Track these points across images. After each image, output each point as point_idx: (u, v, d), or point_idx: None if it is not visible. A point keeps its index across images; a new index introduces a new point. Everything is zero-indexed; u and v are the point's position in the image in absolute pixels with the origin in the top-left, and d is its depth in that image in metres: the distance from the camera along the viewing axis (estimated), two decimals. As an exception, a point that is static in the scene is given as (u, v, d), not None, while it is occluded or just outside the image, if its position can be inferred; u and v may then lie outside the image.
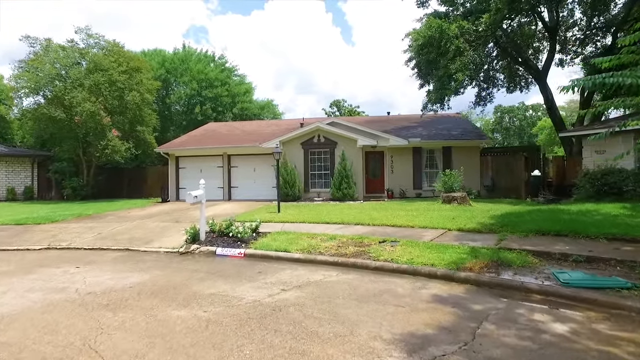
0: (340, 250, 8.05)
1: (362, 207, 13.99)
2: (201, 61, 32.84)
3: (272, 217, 12.34)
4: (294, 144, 18.91)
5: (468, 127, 20.44)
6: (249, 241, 9.21)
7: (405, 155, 18.84)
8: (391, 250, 7.73)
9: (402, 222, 10.35)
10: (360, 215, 11.94)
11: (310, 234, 9.56)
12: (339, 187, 17.52)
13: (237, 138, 22.59)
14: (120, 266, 7.59)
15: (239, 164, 21.23)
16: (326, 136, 18.60)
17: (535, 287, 5.47)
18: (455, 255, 7.10)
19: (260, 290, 5.81)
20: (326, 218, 11.66)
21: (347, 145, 18.18)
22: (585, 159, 15.14)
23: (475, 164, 17.99)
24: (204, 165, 21.65)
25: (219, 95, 31.04)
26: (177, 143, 22.94)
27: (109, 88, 20.89)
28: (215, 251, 8.80)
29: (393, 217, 11.26)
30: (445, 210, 11.86)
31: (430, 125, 21.10)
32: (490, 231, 8.97)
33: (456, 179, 13.78)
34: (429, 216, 11.01)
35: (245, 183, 21.06)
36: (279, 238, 9.29)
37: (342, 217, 11.73)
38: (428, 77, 17.85)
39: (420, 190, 18.55)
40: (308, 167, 18.86)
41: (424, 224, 9.99)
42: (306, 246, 8.37)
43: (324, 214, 12.62)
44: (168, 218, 13.84)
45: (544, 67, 20.62)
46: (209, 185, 22.04)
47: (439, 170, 18.73)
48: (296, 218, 11.98)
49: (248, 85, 36.06)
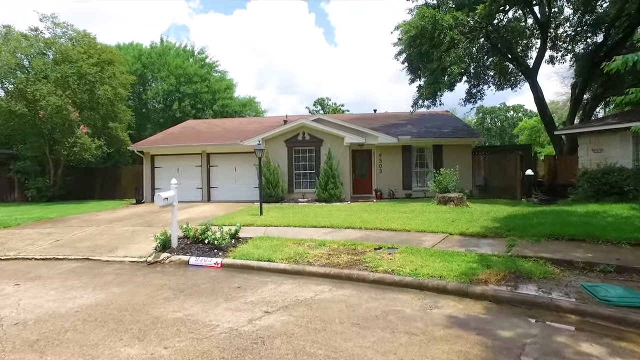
0: (331, 259, 7.06)
1: (351, 209, 13.05)
2: (180, 56, 31.32)
3: (253, 220, 11.27)
4: (278, 142, 17.84)
5: (458, 125, 19.76)
6: (227, 249, 8.13)
7: (394, 154, 18.01)
8: (390, 259, 6.80)
9: (397, 226, 9.44)
10: (351, 217, 10.98)
11: (297, 240, 8.55)
12: (325, 188, 16.55)
13: (217, 136, 21.35)
14: (72, 281, 6.40)
15: (219, 163, 20.01)
16: (311, 133, 17.60)
17: (568, 305, 4.60)
18: (464, 265, 6.21)
19: (239, 313, 4.76)
20: (313, 221, 10.66)
21: (334, 143, 17.23)
22: (581, 158, 14.58)
23: (467, 163, 17.29)
24: (181, 165, 20.34)
25: (198, 91, 29.61)
26: (153, 141, 21.54)
27: (78, 81, 19.36)
28: (188, 261, 7.68)
29: (386, 219, 10.34)
30: (442, 212, 11.02)
31: (420, 123, 20.35)
32: (496, 235, 8.14)
33: (451, 178, 12.98)
34: (426, 219, 10.14)
35: (225, 183, 19.85)
36: (261, 245, 8.24)
37: (331, 220, 10.75)
38: (419, 71, 17.06)
39: (410, 190, 17.74)
40: (292, 166, 17.83)
41: (421, 228, 9.10)
42: (292, 254, 7.35)
43: (310, 216, 11.62)
44: (140, 221, 12.59)
45: (535, 64, 20.14)
46: (187, 185, 20.84)
47: (429, 169, 17.97)
48: (280, 221, 10.94)
49: (229, 81, 34.67)
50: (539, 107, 21.03)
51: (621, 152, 13.41)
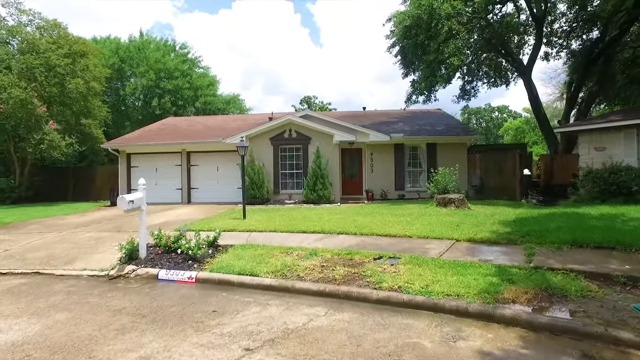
0: (325, 272, 6.04)
1: (343, 212, 12.04)
2: (160, 50, 29.82)
3: (236, 225, 10.16)
4: (263, 140, 16.73)
5: (452, 123, 18.98)
6: (204, 259, 7.03)
7: (386, 153, 17.10)
8: (394, 272, 5.82)
9: (396, 231, 8.47)
10: (343, 221, 9.98)
11: (284, 248, 7.50)
12: (313, 188, 15.52)
13: (198, 133, 20.10)
14: (6, 306, 5.21)
15: (200, 163, 18.77)
16: (299, 131, 16.55)
17: (630, 337, 3.66)
18: (483, 280, 5.27)
19: (212, 352, 3.69)
20: (302, 225, 9.62)
21: (323, 141, 16.21)
22: (582, 157, 13.90)
23: (462, 162, 16.47)
24: (159, 164, 19.02)
25: (179, 87, 28.16)
26: (129, 138, 20.15)
27: (46, 73, 17.85)
28: (157, 274, 6.56)
29: (383, 224, 9.37)
30: (443, 215, 10.11)
31: (412, 120, 19.50)
32: (509, 242, 7.23)
33: (451, 178, 12.11)
34: (427, 222, 9.20)
35: (206, 184, 18.62)
36: (243, 254, 7.17)
37: (322, 224, 9.73)
38: (414, 64, 16.18)
39: (403, 191, 16.85)
40: (278, 166, 16.74)
41: (424, 233, 8.15)
42: (280, 267, 6.31)
43: (298, 220, 10.58)
44: (109, 226, 11.35)
45: (529, 61, 19.53)
46: (166, 186, 19.53)
47: (422, 169, 17.12)
48: (265, 226, 9.86)
49: (212, 78, 33.23)
50: (533, 105, 20.43)
51: (625, 150, 12.77)
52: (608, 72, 18.80)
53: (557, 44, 19.09)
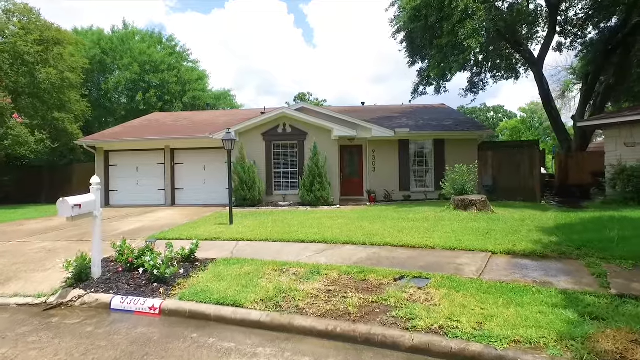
0: (334, 300, 4.51)
1: (346, 215, 10.49)
2: (145, 42, 28.00)
3: (220, 232, 8.58)
4: (254, 135, 15.14)
5: (461, 118, 17.55)
6: (174, 280, 5.44)
7: (390, 150, 15.61)
8: (426, 300, 4.32)
9: (415, 240, 6.95)
10: (348, 228, 8.43)
11: (278, 264, 5.95)
12: (310, 189, 13.97)
13: (184, 129, 18.45)
14: None
15: (185, 161, 17.13)
16: (294, 125, 14.99)
17: None
18: (553, 314, 3.81)
19: None
20: (300, 233, 8.06)
21: (320, 136, 14.67)
22: (609, 153, 12.51)
23: (473, 160, 14.96)
24: (140, 162, 17.35)
25: (166, 81, 26.38)
26: (107, 134, 18.44)
27: (11, 61, 16.08)
28: (110, 303, 4.96)
29: (397, 231, 7.85)
30: (466, 220, 8.61)
31: (416, 115, 18.04)
32: (562, 256, 5.74)
33: (469, 177, 10.63)
34: (450, 230, 7.69)
35: (192, 184, 16.99)
36: (226, 273, 5.60)
37: (323, 231, 8.18)
38: (422, 50, 14.66)
39: (409, 192, 15.37)
40: (271, 164, 15.16)
41: (449, 243, 6.64)
42: (272, 292, 4.76)
43: (295, 226, 9.02)
44: (72, 234, 9.68)
45: (541, 52, 18.17)
46: (147, 187, 17.81)
47: (429, 168, 15.65)
48: (256, 233, 8.29)
49: (201, 72, 31.45)
50: (544, 99, 19.09)
51: (660, 146, 11.40)
52: (625, 65, 17.51)
53: (571, 33, 17.75)
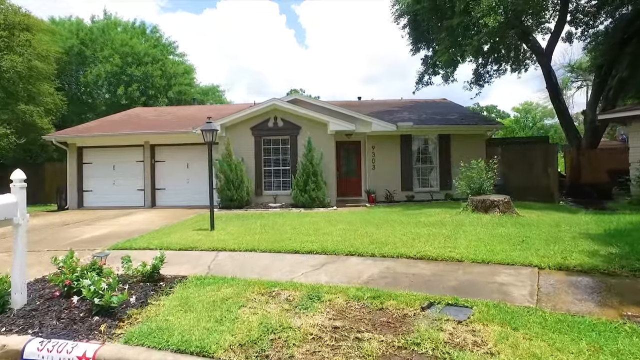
0: (343, 345, 3.16)
1: (346, 219, 9.12)
2: (127, 32, 26.29)
3: (198, 240, 7.17)
4: (242, 130, 13.73)
5: (466, 112, 16.33)
6: (124, 311, 4.02)
7: (391, 147, 14.30)
8: (475, 343, 3.03)
9: (436, 251, 5.62)
10: (351, 234, 7.07)
11: (266, 285, 4.58)
12: (303, 189, 12.60)
13: (166, 123, 16.95)
14: None
15: (167, 158, 15.64)
16: (286, 118, 13.60)
17: None
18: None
19: None
20: (293, 241, 6.69)
21: (315, 130, 13.31)
22: (633, 150, 11.35)
23: (480, 157, 13.72)
24: (118, 160, 15.81)
25: (149, 74, 24.73)
26: (81, 129, 16.86)
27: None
28: (22, 350, 3.52)
29: (410, 238, 6.50)
30: (489, 224, 7.29)
31: (417, 109, 16.77)
32: (635, 272, 4.45)
33: (487, 175, 9.33)
34: (475, 237, 6.37)
35: (175, 183, 15.51)
36: (197, 299, 4.21)
37: (321, 238, 6.81)
38: (429, 34, 13.33)
39: (412, 191, 14.07)
40: (261, 161, 13.76)
41: (480, 255, 5.32)
42: (256, 331, 3.38)
43: (287, 231, 7.64)
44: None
45: (550, 42, 17.00)
46: (124, 187, 16.18)
47: (433, 165, 14.37)
48: (240, 242, 6.90)
49: (188, 66, 29.83)
50: (552, 93, 17.93)
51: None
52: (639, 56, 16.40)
53: (582, 22, 16.62)
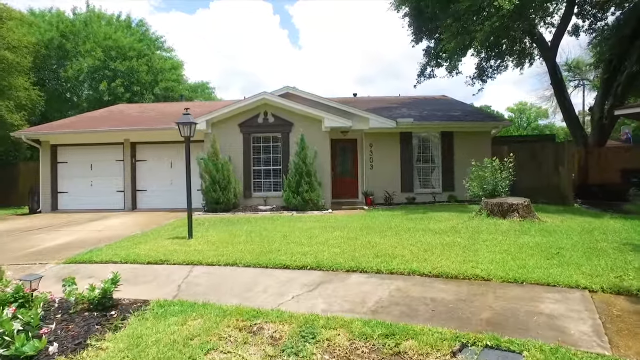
0: None
1: (344, 224, 8.10)
2: (111, 25, 24.98)
3: (173, 251, 6.11)
4: (229, 126, 12.68)
5: (468, 109, 15.41)
6: (52, 358, 2.97)
7: (390, 145, 13.32)
8: None
9: (455, 266, 4.64)
10: (351, 244, 6.06)
11: (246, 314, 3.55)
12: (296, 190, 11.58)
13: (150, 120, 15.79)
14: None
15: (149, 157, 14.49)
16: (277, 114, 12.57)
17: None
18: None
19: None
20: (283, 253, 5.67)
21: (309, 127, 12.30)
22: (653, 148, 10.42)
23: (486, 156, 12.80)
24: (95, 159, 14.63)
25: (135, 70, 23.44)
26: (56, 126, 15.65)
27: None
28: None
29: (421, 249, 5.51)
30: (512, 231, 6.33)
31: (417, 106, 15.82)
32: None
33: (502, 175, 8.34)
34: (497, 247, 5.40)
35: (157, 184, 14.36)
36: (153, 337, 3.16)
37: (315, 249, 5.80)
38: (433, 22, 12.33)
39: (412, 193, 13.09)
40: (250, 160, 12.71)
41: (510, 272, 4.35)
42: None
43: (276, 239, 6.62)
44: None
45: (555, 36, 16.15)
46: (103, 188, 14.88)
47: (435, 165, 13.43)
48: (221, 253, 5.86)
49: (176, 61, 28.53)
50: (556, 89, 17.11)
51: None
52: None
53: (590, 14, 15.81)
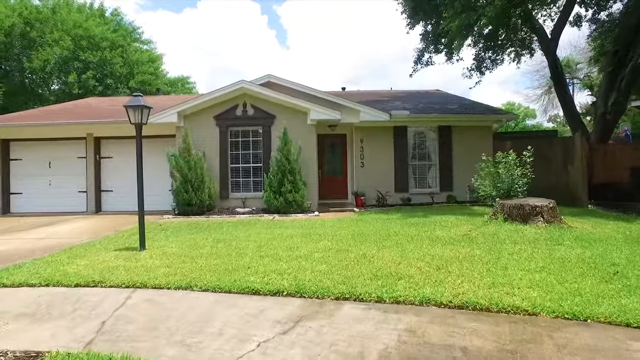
0: None
1: (332, 231, 6.80)
2: (82, 13, 23.14)
3: (114, 268, 4.75)
4: (204, 119, 11.32)
5: (465, 102, 14.28)
6: None
7: (383, 140, 12.09)
8: None
9: (483, 293, 3.41)
10: (342, 258, 4.79)
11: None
12: (278, 190, 10.27)
13: (118, 113, 14.23)
14: None
15: (115, 154, 12.99)
16: (257, 105, 11.25)
17: None
18: None
19: None
20: (253, 270, 4.38)
21: (293, 120, 11.02)
22: (673, 143, 9.41)
23: (487, 152, 11.69)
24: (55, 155, 13.06)
25: (108, 61, 21.70)
26: (9, 118, 14.00)
27: None
28: None
29: (433, 266, 4.27)
30: (542, 240, 5.14)
31: (411, 99, 14.64)
32: None
33: (518, 172, 7.12)
34: (530, 262, 4.20)
35: (124, 184, 12.83)
36: None
37: (295, 265, 4.51)
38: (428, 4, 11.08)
39: (407, 193, 11.89)
40: (227, 157, 11.35)
41: (566, 304, 3.12)
42: None
43: (248, 252, 5.31)
44: None
45: (556, 27, 15.17)
46: (64, 188, 13.05)
47: (432, 162, 12.26)
48: (175, 270, 4.54)
49: (153, 53, 26.74)
50: (557, 83, 16.16)
51: None
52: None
53: (592, 3, 14.89)
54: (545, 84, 31.84)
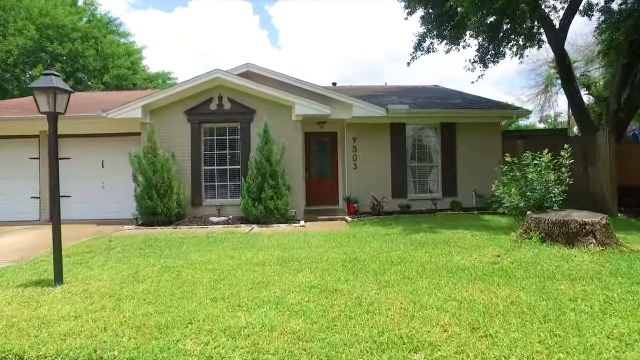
0: None
1: (317, 254, 5.34)
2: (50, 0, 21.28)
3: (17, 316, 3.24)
4: (173, 114, 9.82)
5: (468, 97, 12.96)
6: None
7: (379, 139, 10.70)
8: None
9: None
10: (324, 303, 3.35)
11: None
12: (257, 197, 8.81)
13: (80, 108, 12.64)
14: None
15: (74, 154, 11.38)
16: (235, 98, 9.77)
17: None
18: None
19: None
20: (193, 330, 2.93)
21: (275, 115, 9.58)
22: None
23: (495, 152, 10.41)
24: (2, 156, 11.46)
25: (80, 54, 19.91)
26: (-45, 114, 12.31)
27: None
28: None
29: (458, 320, 2.86)
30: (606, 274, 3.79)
31: (409, 94, 13.28)
32: None
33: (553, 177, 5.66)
34: (611, 318, 2.80)
35: (85, 189, 11.25)
36: None
37: (258, 319, 3.07)
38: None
39: (406, 199, 10.49)
40: (200, 158, 9.86)
41: None
42: None
43: (198, 290, 3.85)
44: None
45: (565, 18, 13.90)
46: (13, 193, 11.41)
47: (434, 164, 10.90)
48: (79, 329, 3.06)
49: (131, 46, 24.96)
50: (564, 78, 14.86)
51: None
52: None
53: (604, -9, 13.70)
54: (541, 83, 30.96)
